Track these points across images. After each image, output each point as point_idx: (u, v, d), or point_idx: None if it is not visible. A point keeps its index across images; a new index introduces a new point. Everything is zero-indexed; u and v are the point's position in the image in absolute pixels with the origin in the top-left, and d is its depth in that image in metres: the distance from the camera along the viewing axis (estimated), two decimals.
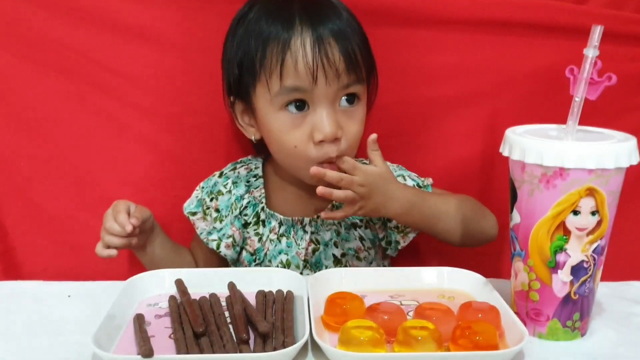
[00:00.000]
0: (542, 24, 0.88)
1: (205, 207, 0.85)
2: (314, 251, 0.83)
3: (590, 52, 0.58)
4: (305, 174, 0.77)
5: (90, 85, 0.89)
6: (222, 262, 0.87)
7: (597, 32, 0.57)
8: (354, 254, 0.84)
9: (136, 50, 0.89)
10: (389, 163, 0.87)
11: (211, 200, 0.85)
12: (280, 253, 0.83)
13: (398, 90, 0.90)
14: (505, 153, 0.60)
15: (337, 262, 0.83)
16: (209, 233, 0.84)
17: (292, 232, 0.83)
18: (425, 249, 0.94)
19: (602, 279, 0.63)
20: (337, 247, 0.83)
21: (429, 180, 0.87)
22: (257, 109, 0.78)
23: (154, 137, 0.91)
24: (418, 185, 0.85)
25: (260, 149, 0.87)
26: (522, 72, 0.90)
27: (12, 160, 0.91)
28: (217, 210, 0.84)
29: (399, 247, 0.85)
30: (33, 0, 0.87)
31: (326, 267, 0.83)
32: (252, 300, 0.65)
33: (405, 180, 0.85)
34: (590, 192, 0.56)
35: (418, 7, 0.87)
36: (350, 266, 0.84)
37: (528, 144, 0.57)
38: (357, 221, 0.84)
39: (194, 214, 0.85)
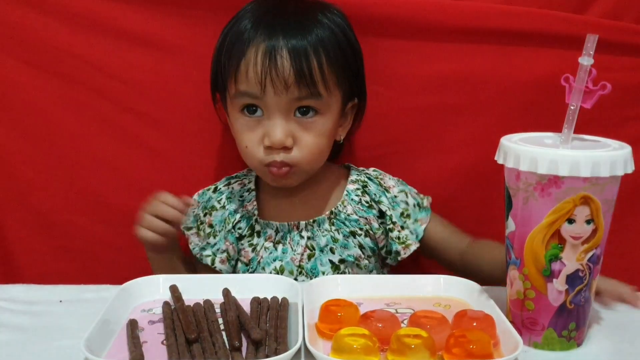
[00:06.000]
0: (541, 33, 0.88)
1: (199, 223, 0.86)
2: (309, 257, 0.83)
3: (585, 60, 0.58)
4: (261, 175, 0.83)
5: (90, 90, 0.90)
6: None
7: (591, 41, 0.58)
8: (353, 261, 0.84)
9: (136, 56, 0.89)
10: (389, 176, 0.87)
11: (205, 215, 0.86)
12: (275, 260, 0.83)
13: (396, 99, 0.90)
14: (500, 161, 0.60)
15: (336, 269, 0.83)
16: (202, 249, 0.85)
17: (289, 238, 0.84)
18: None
19: None
20: (333, 253, 0.83)
21: (428, 200, 0.87)
22: (227, 108, 0.82)
23: (152, 142, 0.92)
24: (418, 204, 0.86)
25: None
26: (521, 81, 0.89)
27: (12, 165, 0.92)
28: (211, 226, 0.85)
29: (399, 258, 0.85)
30: (34, 6, 0.87)
31: (323, 274, 0.83)
32: (247, 306, 0.65)
33: (407, 197, 0.86)
34: (585, 200, 0.56)
35: (416, 16, 0.87)
36: (349, 274, 0.84)
37: (522, 152, 0.57)
38: (357, 229, 0.84)
39: (189, 229, 0.87)
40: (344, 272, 0.84)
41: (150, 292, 0.68)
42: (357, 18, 0.83)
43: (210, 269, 0.85)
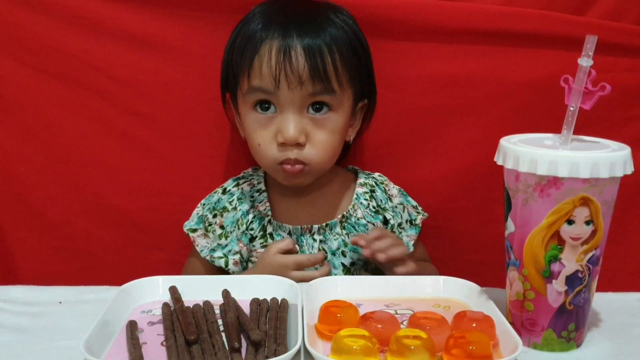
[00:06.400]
0: (540, 34, 0.88)
1: (207, 224, 0.85)
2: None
3: (584, 61, 0.58)
4: (273, 173, 0.82)
5: (90, 91, 0.90)
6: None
7: (590, 42, 0.58)
8: (362, 265, 0.84)
9: (136, 57, 0.89)
10: (393, 184, 0.88)
11: (214, 216, 0.85)
12: None
13: (396, 100, 0.90)
14: (500, 162, 0.60)
15: (347, 272, 0.84)
16: (212, 250, 0.85)
17: (304, 242, 0.83)
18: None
19: (599, 290, 0.62)
20: (345, 256, 0.83)
21: (423, 217, 0.88)
22: (238, 106, 0.82)
23: (153, 144, 0.92)
24: (410, 221, 0.87)
25: None
26: (521, 82, 0.90)
27: (12, 165, 0.92)
28: (222, 227, 0.84)
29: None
30: (34, 7, 0.87)
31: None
32: (246, 308, 0.65)
33: (403, 211, 0.86)
34: (585, 201, 0.56)
35: (416, 18, 0.87)
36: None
37: (522, 153, 0.57)
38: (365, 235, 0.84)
39: (194, 230, 0.86)
40: (353, 275, 0.84)
41: (150, 293, 0.68)
42: (357, 18, 0.83)
43: (217, 270, 0.84)
